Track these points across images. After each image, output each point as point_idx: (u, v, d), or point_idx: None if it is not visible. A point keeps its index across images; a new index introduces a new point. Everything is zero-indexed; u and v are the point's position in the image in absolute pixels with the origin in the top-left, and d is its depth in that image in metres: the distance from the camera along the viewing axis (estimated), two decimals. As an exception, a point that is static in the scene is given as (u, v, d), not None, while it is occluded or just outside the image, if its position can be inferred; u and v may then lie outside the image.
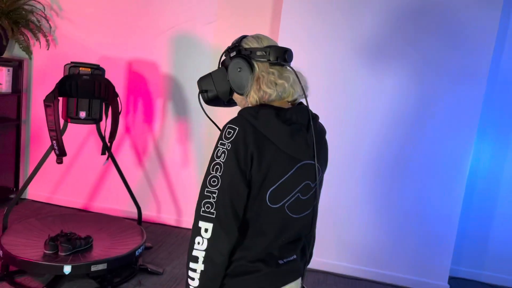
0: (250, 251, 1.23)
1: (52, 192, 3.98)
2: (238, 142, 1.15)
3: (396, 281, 3.17)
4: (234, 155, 1.14)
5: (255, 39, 1.30)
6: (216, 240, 1.15)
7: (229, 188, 1.15)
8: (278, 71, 1.26)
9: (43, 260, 2.50)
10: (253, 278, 1.23)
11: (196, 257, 1.17)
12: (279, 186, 1.21)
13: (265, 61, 1.25)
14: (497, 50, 3.12)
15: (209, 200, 1.16)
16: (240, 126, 1.17)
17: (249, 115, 1.19)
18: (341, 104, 3.12)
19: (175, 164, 3.76)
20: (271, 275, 1.25)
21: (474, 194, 3.29)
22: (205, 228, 1.15)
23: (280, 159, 1.20)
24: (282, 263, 1.28)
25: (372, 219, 3.17)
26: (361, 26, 3.02)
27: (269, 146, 1.18)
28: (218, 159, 1.16)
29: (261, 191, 1.19)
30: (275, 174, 1.20)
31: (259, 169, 1.16)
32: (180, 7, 3.56)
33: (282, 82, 1.24)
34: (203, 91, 1.34)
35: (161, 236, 3.55)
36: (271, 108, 1.21)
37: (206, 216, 1.15)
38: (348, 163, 3.16)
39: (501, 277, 3.33)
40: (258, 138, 1.16)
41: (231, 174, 1.15)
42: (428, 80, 2.99)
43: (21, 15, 3.60)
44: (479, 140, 3.23)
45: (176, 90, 3.68)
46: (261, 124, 1.17)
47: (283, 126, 1.19)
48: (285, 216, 1.25)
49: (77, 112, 3.01)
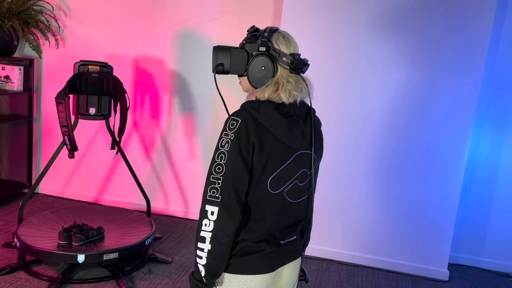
0: (254, 233, 1.34)
1: (63, 186, 4.12)
2: (241, 133, 1.24)
3: (397, 267, 3.27)
4: (237, 144, 1.24)
5: (285, 42, 1.34)
6: (221, 222, 1.26)
7: (232, 174, 1.25)
8: (295, 80, 1.34)
9: (58, 250, 2.64)
10: (257, 257, 1.34)
11: (203, 237, 1.27)
12: (279, 174, 1.32)
13: (287, 68, 1.33)
14: (493, 43, 3.18)
15: (215, 186, 1.26)
16: (242, 118, 1.26)
17: (251, 108, 1.29)
18: (343, 99, 3.20)
19: (182, 158, 3.88)
20: (273, 254, 1.37)
21: (473, 183, 3.38)
22: (211, 211, 1.26)
23: (279, 149, 1.30)
24: (284, 243, 1.40)
25: (373, 209, 3.27)
26: (360, 21, 3.10)
27: (269, 137, 1.28)
28: (222, 148, 1.26)
29: (262, 178, 1.30)
30: (275, 163, 1.30)
31: (259, 158, 1.27)
32: (184, 5, 3.66)
33: (296, 94, 1.33)
34: (218, 65, 1.37)
35: (169, 227, 3.68)
36: (272, 102, 1.31)
37: (212, 200, 1.26)
38: (349, 154, 3.25)
39: (500, 263, 3.41)
40: (258, 129, 1.26)
41: (234, 161, 1.25)
42: (426, 73, 3.07)
43: (31, 15, 3.71)
44: (477, 130, 3.31)
45: (182, 86, 3.78)
46: (262, 116, 1.27)
47: (281, 118, 1.29)
48: (284, 201, 1.37)
49: (87, 108, 3.12)
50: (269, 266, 1.37)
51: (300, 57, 1.35)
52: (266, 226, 1.35)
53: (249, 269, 1.34)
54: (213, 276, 1.31)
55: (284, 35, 1.36)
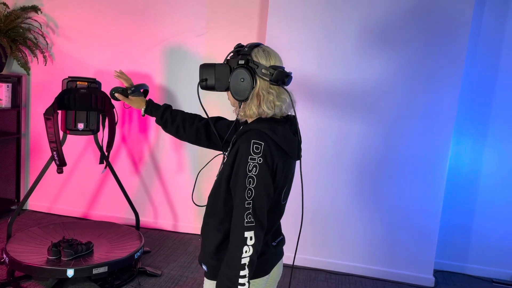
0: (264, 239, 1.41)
1: (52, 202, 4.12)
2: (266, 155, 1.28)
3: (384, 275, 3.33)
4: (266, 166, 1.28)
5: (264, 55, 1.38)
6: (258, 244, 1.28)
7: (264, 195, 1.29)
8: (276, 91, 1.38)
9: (47, 265, 2.64)
10: (260, 260, 1.38)
11: (244, 264, 1.26)
12: (288, 186, 1.45)
13: (267, 80, 1.37)
14: (471, 50, 3.30)
15: (249, 211, 1.27)
16: (264, 141, 1.29)
17: (269, 131, 1.32)
18: (329, 108, 3.28)
19: (170, 171, 3.91)
20: (270, 257, 1.46)
21: (456, 189, 3.46)
22: (250, 236, 1.27)
23: (291, 165, 1.43)
24: (275, 244, 1.49)
25: (359, 218, 3.33)
26: (342, 34, 3.20)
27: (285, 157, 1.37)
28: (250, 172, 1.27)
29: (277, 192, 1.38)
30: (287, 178, 1.42)
31: (280, 177, 1.35)
32: (171, 22, 3.73)
33: (280, 104, 1.38)
34: (203, 80, 1.45)
35: (158, 241, 3.69)
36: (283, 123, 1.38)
37: (250, 226, 1.27)
38: (334, 164, 3.32)
39: (484, 268, 3.49)
40: (278, 151, 1.33)
41: (266, 183, 1.29)
42: (408, 82, 3.17)
43: (19, 33, 3.76)
44: (458, 138, 3.41)
45: (170, 100, 3.83)
46: (280, 139, 1.33)
47: (294, 138, 1.39)
48: (283, 207, 1.49)
49: (76, 124, 3.15)
50: (267, 269, 1.45)
51: (284, 70, 1.40)
52: (269, 232, 1.43)
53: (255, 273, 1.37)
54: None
55: (264, 49, 1.41)
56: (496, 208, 3.42)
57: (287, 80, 1.39)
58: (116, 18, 3.81)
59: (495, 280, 3.43)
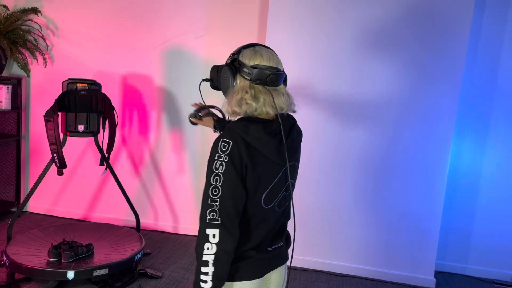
0: (244, 244, 1.39)
1: (52, 204, 4.11)
2: (233, 154, 1.27)
3: (385, 276, 3.32)
4: (232, 165, 1.27)
5: (250, 54, 1.38)
6: (223, 243, 1.28)
7: (230, 194, 1.28)
8: (256, 90, 1.37)
9: (47, 267, 2.64)
10: (247, 264, 1.40)
11: (206, 261, 1.28)
12: (270, 190, 1.38)
13: (248, 79, 1.37)
14: (471, 51, 3.30)
15: (213, 209, 1.27)
16: (233, 139, 1.29)
17: (240, 130, 1.31)
18: (328, 110, 3.28)
19: (171, 173, 3.91)
20: (262, 261, 1.43)
21: (456, 191, 3.46)
22: (212, 234, 1.27)
23: (270, 167, 1.36)
24: (271, 250, 1.46)
25: (359, 219, 3.33)
26: (342, 37, 3.20)
27: (260, 158, 1.33)
28: (217, 170, 1.28)
29: (256, 196, 1.35)
30: (266, 180, 1.36)
31: (252, 177, 1.32)
32: (172, 23, 3.73)
33: (251, 103, 1.35)
34: (208, 79, 1.51)
35: (159, 243, 3.69)
36: (259, 123, 1.35)
37: (212, 223, 1.27)
38: (335, 165, 3.32)
39: (485, 269, 3.48)
40: (250, 151, 1.30)
41: (231, 182, 1.28)
42: (407, 84, 3.17)
43: (19, 35, 3.76)
44: (458, 139, 3.41)
45: (170, 102, 3.83)
46: (252, 138, 1.31)
47: (270, 138, 1.34)
48: (274, 212, 1.43)
49: (76, 125, 3.15)
50: (257, 272, 1.42)
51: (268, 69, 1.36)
52: (258, 237, 1.41)
53: (238, 275, 1.39)
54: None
55: (256, 49, 1.39)
56: (497, 209, 3.42)
57: (269, 79, 1.35)
58: (116, 20, 3.81)
59: (497, 281, 3.43)
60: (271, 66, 1.37)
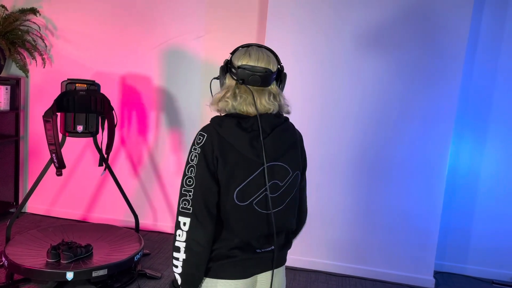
0: (228, 242, 1.38)
1: (51, 204, 4.10)
2: (206, 146, 1.32)
3: (384, 277, 3.32)
4: (204, 157, 1.32)
5: (240, 55, 1.39)
6: (193, 232, 1.32)
7: (201, 186, 1.32)
8: (240, 90, 1.38)
9: (46, 268, 2.63)
10: (230, 263, 1.39)
11: (178, 247, 1.34)
12: (244, 186, 1.35)
13: (234, 79, 1.39)
14: (470, 52, 3.31)
15: (186, 198, 1.33)
16: (208, 132, 1.34)
17: (215, 124, 1.36)
18: (326, 110, 3.28)
19: (170, 173, 3.90)
20: (247, 261, 1.41)
21: (455, 191, 3.46)
22: (183, 222, 1.32)
23: (243, 162, 1.34)
24: (260, 252, 1.43)
25: (358, 219, 3.33)
26: (343, 36, 3.20)
27: (232, 151, 1.33)
28: (192, 162, 1.33)
29: (229, 191, 1.35)
30: (239, 175, 1.35)
31: (224, 170, 1.33)
32: (171, 23, 3.73)
33: (228, 101, 1.37)
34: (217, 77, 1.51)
35: (158, 243, 3.68)
36: (235, 117, 1.36)
37: (184, 211, 1.33)
38: (333, 165, 3.32)
39: (484, 270, 3.49)
40: (222, 144, 1.32)
41: (202, 174, 1.32)
42: (406, 84, 3.17)
43: (18, 35, 3.75)
44: (457, 139, 3.41)
45: (169, 102, 3.83)
46: (224, 131, 1.33)
47: (242, 133, 1.34)
48: (256, 212, 1.39)
49: (75, 126, 3.14)
50: (242, 272, 1.40)
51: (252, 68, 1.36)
52: (239, 235, 1.38)
53: (222, 274, 1.39)
54: (190, 284, 1.37)
55: (247, 50, 1.40)
56: (496, 209, 3.43)
57: (251, 79, 1.36)
58: (115, 20, 3.81)
59: (496, 281, 3.43)
60: (256, 66, 1.38)
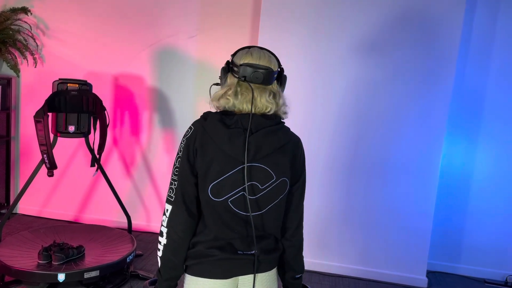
0: (205, 237, 1.38)
1: (42, 205, 4.07)
2: (190, 138, 1.38)
3: (378, 276, 3.33)
4: (186, 149, 1.38)
5: (242, 54, 1.40)
6: (172, 219, 1.38)
7: (181, 177, 1.38)
8: (242, 88, 1.38)
9: (37, 270, 2.61)
10: (210, 261, 1.38)
11: (162, 232, 1.40)
12: (220, 182, 1.33)
13: (236, 77, 1.39)
14: (462, 53, 3.32)
15: (172, 186, 1.39)
16: (195, 126, 1.39)
17: (202, 117, 1.40)
18: (320, 112, 3.28)
19: (162, 174, 3.89)
20: (226, 262, 1.38)
21: (448, 191, 3.48)
22: (167, 208, 1.39)
23: (221, 158, 1.33)
24: (242, 254, 1.40)
25: (352, 219, 3.33)
26: (334, 37, 3.20)
27: (211, 145, 1.35)
28: (180, 153, 1.40)
29: (205, 184, 1.35)
30: (216, 170, 1.33)
31: (201, 163, 1.35)
32: (164, 23, 3.71)
33: (229, 99, 1.37)
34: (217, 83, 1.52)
35: (151, 244, 3.66)
36: (220, 113, 1.38)
37: (168, 199, 1.39)
38: (326, 166, 3.32)
39: (476, 269, 3.51)
40: (204, 137, 1.36)
41: (183, 165, 1.38)
42: (399, 86, 3.18)
43: (8, 34, 3.71)
44: (450, 140, 3.42)
45: (162, 102, 3.81)
46: (207, 125, 1.37)
47: (223, 128, 1.34)
48: (231, 210, 1.36)
49: (66, 126, 3.12)
50: (221, 272, 1.38)
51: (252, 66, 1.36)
52: (213, 231, 1.37)
53: (202, 272, 1.38)
54: (167, 269, 1.38)
55: (250, 50, 1.41)
56: (489, 208, 3.45)
57: (253, 75, 1.36)
58: (107, 19, 3.78)
59: (488, 280, 3.45)
60: (258, 64, 1.38)
